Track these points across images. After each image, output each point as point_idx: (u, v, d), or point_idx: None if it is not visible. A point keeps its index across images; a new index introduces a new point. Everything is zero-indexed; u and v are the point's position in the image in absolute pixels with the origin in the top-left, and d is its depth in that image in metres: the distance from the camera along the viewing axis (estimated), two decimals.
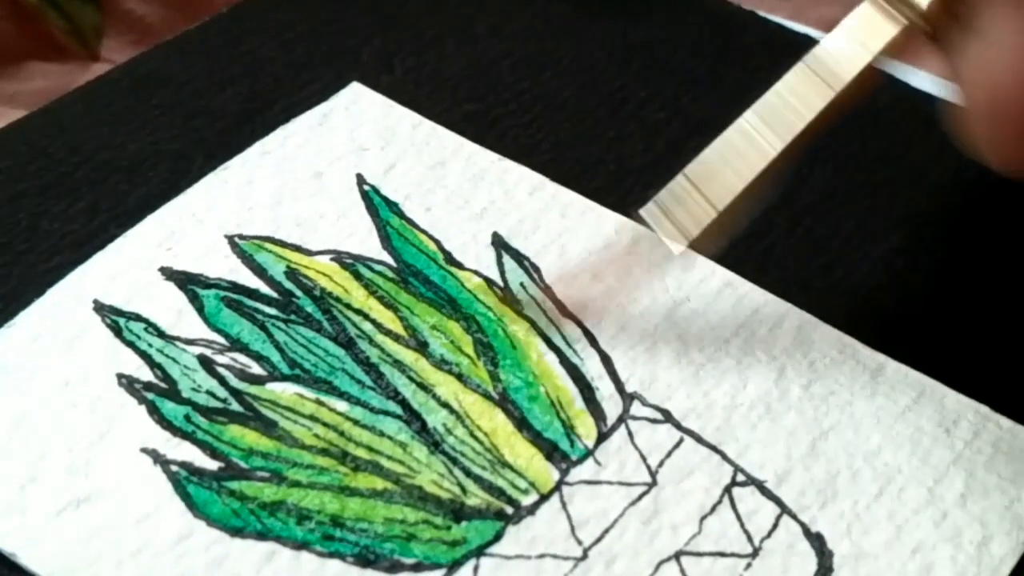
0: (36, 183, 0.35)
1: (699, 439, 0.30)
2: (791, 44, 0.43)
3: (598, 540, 0.28)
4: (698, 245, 0.30)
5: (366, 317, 0.32)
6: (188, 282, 0.33)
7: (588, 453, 0.30)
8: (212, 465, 0.29)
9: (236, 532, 0.28)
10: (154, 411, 0.30)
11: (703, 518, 0.29)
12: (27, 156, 0.36)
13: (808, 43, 0.43)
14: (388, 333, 0.32)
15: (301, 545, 0.28)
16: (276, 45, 0.41)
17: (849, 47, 0.29)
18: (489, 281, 0.34)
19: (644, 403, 0.31)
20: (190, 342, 0.31)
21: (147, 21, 0.49)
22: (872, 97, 0.40)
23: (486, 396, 0.31)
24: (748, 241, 0.35)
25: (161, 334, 0.31)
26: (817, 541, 0.29)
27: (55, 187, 0.35)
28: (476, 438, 0.30)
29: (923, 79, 0.42)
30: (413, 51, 0.41)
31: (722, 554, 0.28)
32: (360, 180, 0.36)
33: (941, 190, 0.38)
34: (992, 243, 0.36)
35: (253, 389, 0.30)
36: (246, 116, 0.38)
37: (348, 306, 0.32)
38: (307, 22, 0.42)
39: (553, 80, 0.41)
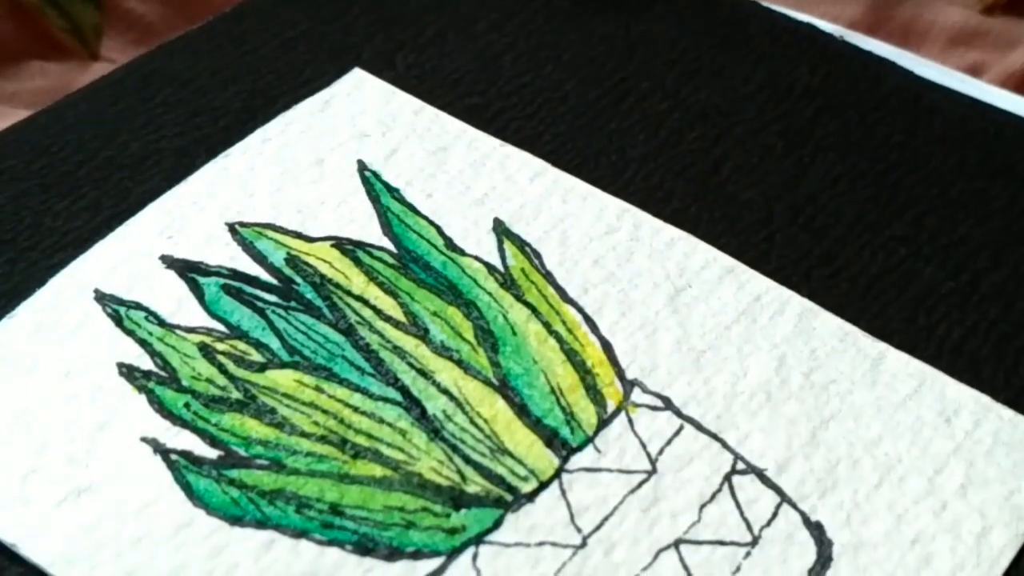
0: (39, 181, 0.35)
1: (699, 427, 0.30)
2: (794, 33, 0.43)
3: (597, 528, 0.28)
4: None
5: (366, 303, 0.32)
6: (188, 270, 0.33)
7: (588, 440, 0.30)
8: (211, 454, 0.29)
9: (235, 521, 0.28)
10: (154, 400, 0.30)
11: (703, 506, 0.29)
12: (31, 155, 0.36)
13: (812, 32, 0.43)
14: (388, 319, 0.32)
15: (300, 533, 0.28)
16: (278, 43, 0.41)
17: None
18: (490, 267, 0.33)
19: (645, 390, 0.31)
20: (190, 330, 0.31)
21: (147, 20, 0.49)
22: (875, 84, 0.40)
23: (486, 382, 0.31)
24: (750, 229, 0.35)
25: (161, 322, 0.31)
26: (816, 530, 0.29)
27: (58, 185, 0.35)
28: (476, 425, 0.30)
29: (925, 67, 0.41)
30: (415, 47, 0.41)
31: (721, 542, 0.28)
32: (361, 166, 0.36)
33: (943, 178, 0.38)
34: (994, 232, 0.36)
35: (253, 376, 0.30)
36: (248, 114, 0.38)
37: (348, 292, 0.32)
38: (309, 20, 0.42)
39: (555, 73, 0.40)
